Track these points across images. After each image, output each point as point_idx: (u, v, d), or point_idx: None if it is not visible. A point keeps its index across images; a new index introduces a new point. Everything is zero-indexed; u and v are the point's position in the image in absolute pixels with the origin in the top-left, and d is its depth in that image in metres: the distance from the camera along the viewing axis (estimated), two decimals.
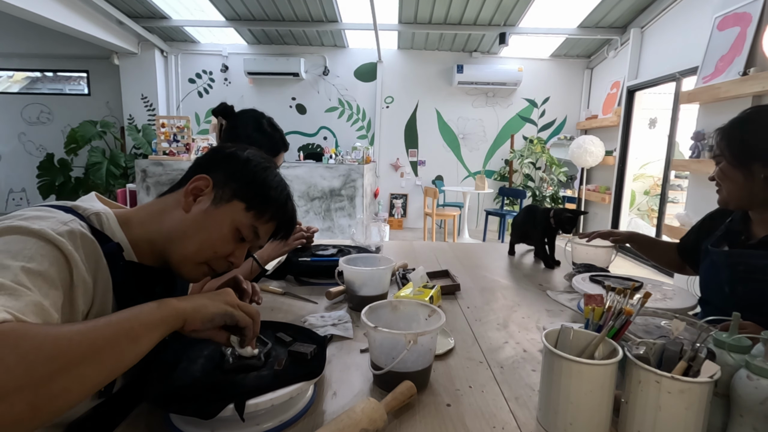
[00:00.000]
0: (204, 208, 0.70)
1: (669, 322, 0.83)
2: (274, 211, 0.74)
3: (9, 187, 6.39)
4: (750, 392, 0.55)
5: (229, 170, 0.73)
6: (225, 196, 0.71)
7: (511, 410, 0.69)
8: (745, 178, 0.97)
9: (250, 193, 0.72)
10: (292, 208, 0.79)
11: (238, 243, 0.73)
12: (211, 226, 0.70)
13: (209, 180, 0.71)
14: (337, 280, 1.16)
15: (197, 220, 0.70)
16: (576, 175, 5.78)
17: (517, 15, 4.85)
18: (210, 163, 0.75)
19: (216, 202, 0.71)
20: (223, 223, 0.70)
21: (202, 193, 0.71)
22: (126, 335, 0.50)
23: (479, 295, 1.26)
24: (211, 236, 0.70)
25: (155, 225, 0.70)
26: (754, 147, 0.96)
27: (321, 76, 6.08)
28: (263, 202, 0.73)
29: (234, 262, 0.73)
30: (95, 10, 4.54)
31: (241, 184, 0.72)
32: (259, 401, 0.59)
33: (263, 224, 0.74)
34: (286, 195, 0.77)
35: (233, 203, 0.71)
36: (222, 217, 0.70)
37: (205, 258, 0.71)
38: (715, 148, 1.03)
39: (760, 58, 2.78)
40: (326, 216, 4.80)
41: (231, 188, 0.71)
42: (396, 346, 0.70)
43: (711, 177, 1.06)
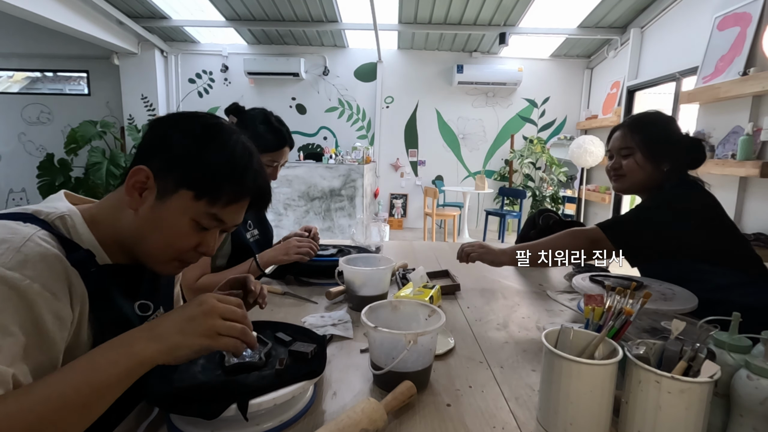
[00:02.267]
0: (151, 204, 0.62)
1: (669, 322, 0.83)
2: (231, 192, 0.64)
3: (9, 187, 6.39)
4: (750, 392, 0.55)
5: (166, 155, 0.62)
6: (169, 186, 0.61)
7: (511, 410, 0.69)
8: (653, 169, 1.18)
9: (195, 177, 0.62)
10: (255, 179, 0.67)
11: (202, 232, 0.65)
12: (163, 224, 0.62)
13: (148, 171, 0.61)
14: (337, 280, 1.16)
15: (148, 219, 0.62)
16: (576, 175, 5.78)
17: (517, 15, 4.85)
18: (149, 145, 0.65)
19: (161, 196, 0.62)
20: (176, 219, 0.62)
21: (146, 186, 0.62)
22: (74, 406, 0.46)
23: (479, 295, 1.26)
24: (167, 235, 0.63)
25: (115, 223, 0.64)
26: (666, 145, 1.17)
27: (321, 76, 6.08)
28: (213, 185, 0.62)
29: (205, 252, 0.67)
30: (95, 10, 4.54)
31: (182, 168, 0.62)
32: (262, 401, 0.59)
33: (222, 208, 0.64)
34: (243, 166, 0.65)
35: (180, 193, 0.62)
36: (172, 212, 0.62)
37: (171, 256, 0.65)
38: (622, 142, 1.21)
39: (760, 58, 2.78)
40: (326, 216, 4.80)
41: (173, 176, 0.62)
42: (396, 346, 0.70)
43: (615, 167, 1.24)
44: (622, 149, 1.21)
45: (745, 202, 2.96)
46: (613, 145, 1.24)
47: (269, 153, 1.34)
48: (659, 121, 1.21)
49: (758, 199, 2.87)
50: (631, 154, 1.19)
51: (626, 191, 1.25)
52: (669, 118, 1.23)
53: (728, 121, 3.07)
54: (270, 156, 1.35)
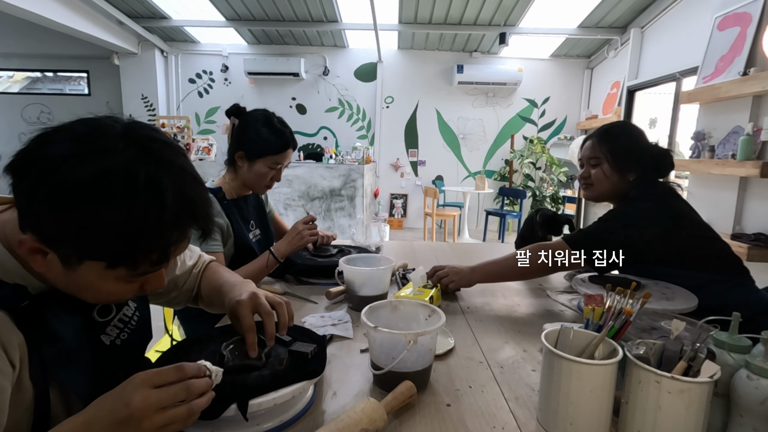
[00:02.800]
0: (61, 270, 0.51)
1: (669, 322, 0.83)
2: (152, 257, 0.52)
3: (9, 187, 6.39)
4: (750, 392, 0.55)
5: (48, 222, 0.47)
6: (72, 259, 0.50)
7: (511, 410, 0.69)
8: (619, 178, 1.22)
9: (96, 252, 0.49)
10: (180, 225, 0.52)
11: (137, 282, 0.55)
12: (85, 287, 0.53)
13: (32, 242, 0.48)
14: (337, 280, 1.16)
15: (64, 282, 0.53)
16: (576, 175, 5.78)
17: (517, 15, 4.85)
18: (22, 206, 0.50)
19: (67, 265, 0.50)
20: (97, 284, 0.52)
21: (45, 251, 0.49)
22: None
23: (479, 295, 1.26)
24: (97, 295, 0.55)
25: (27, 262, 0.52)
26: (632, 156, 1.20)
27: (321, 76, 6.08)
28: (121, 255, 0.50)
29: (155, 289, 0.58)
30: (95, 10, 4.54)
31: (75, 243, 0.48)
32: (262, 401, 0.59)
33: (150, 267, 0.53)
34: (155, 219, 0.49)
35: (87, 265, 0.50)
36: (89, 279, 0.52)
37: (115, 301, 0.59)
38: (591, 152, 1.25)
39: (760, 58, 2.78)
40: (326, 216, 4.80)
41: (70, 248, 0.49)
42: (396, 346, 0.70)
43: (584, 176, 1.27)
44: (591, 159, 1.25)
45: (745, 202, 2.96)
46: (584, 155, 1.28)
47: (272, 155, 1.34)
48: (626, 132, 1.26)
49: (758, 199, 2.87)
50: (599, 164, 1.23)
51: (595, 199, 1.29)
52: (637, 129, 1.27)
53: (728, 121, 3.06)
54: (273, 158, 1.34)
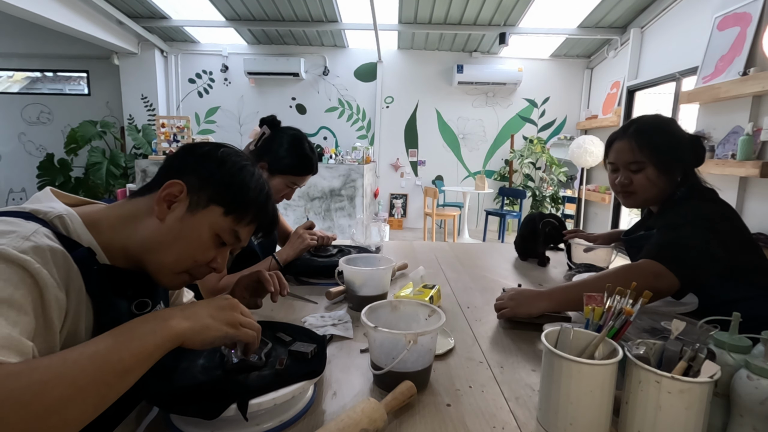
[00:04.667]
0: (179, 216, 0.66)
1: (669, 322, 0.83)
2: (255, 212, 0.71)
3: (9, 187, 6.39)
4: (750, 392, 0.55)
5: (203, 173, 0.68)
6: (201, 201, 0.67)
7: (511, 410, 0.69)
8: (666, 181, 1.08)
9: (227, 196, 0.68)
10: (273, 208, 0.76)
11: (219, 248, 0.70)
12: (188, 234, 0.66)
13: (183, 185, 0.66)
14: (337, 280, 1.16)
15: (173, 229, 0.65)
16: (576, 175, 5.78)
17: (517, 15, 4.85)
18: (182, 164, 0.69)
19: (192, 209, 0.66)
20: (202, 231, 0.67)
21: (176, 200, 0.66)
22: (113, 370, 0.47)
23: (479, 295, 1.26)
24: (189, 245, 0.66)
25: (127, 231, 0.66)
26: (677, 154, 1.07)
27: (321, 76, 6.08)
28: (242, 205, 0.69)
29: (216, 267, 0.71)
30: (95, 10, 4.54)
31: (217, 187, 0.68)
32: (262, 401, 0.59)
33: (243, 227, 0.71)
34: (266, 195, 0.73)
35: (210, 209, 0.67)
36: (200, 224, 0.66)
37: (185, 267, 0.68)
38: (631, 156, 1.09)
39: (760, 58, 2.78)
40: (326, 216, 4.80)
41: (207, 193, 0.67)
42: (396, 346, 0.70)
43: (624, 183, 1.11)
44: (631, 164, 1.09)
45: (745, 202, 2.96)
46: (618, 159, 1.12)
47: (294, 176, 1.34)
48: (664, 127, 1.10)
49: (758, 199, 2.87)
50: (642, 169, 1.08)
51: (638, 206, 1.16)
52: (672, 120, 1.13)
53: (728, 121, 3.07)
54: (293, 179, 1.35)
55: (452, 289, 1.30)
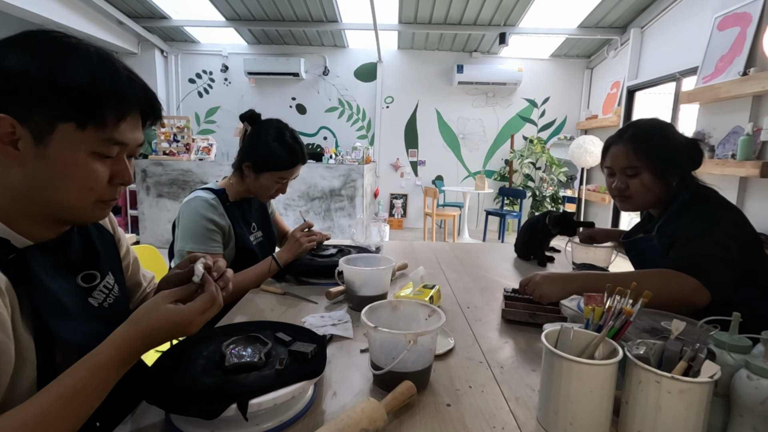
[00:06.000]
0: (34, 153, 0.54)
1: (669, 322, 0.83)
2: (114, 106, 0.56)
3: None
4: (750, 392, 0.55)
5: (21, 91, 0.53)
6: (43, 127, 0.53)
7: (511, 410, 0.69)
8: (662, 186, 1.09)
9: (65, 106, 0.53)
10: (130, 83, 0.59)
11: (108, 162, 0.59)
12: (60, 169, 0.55)
13: (9, 118, 0.52)
14: (337, 280, 1.16)
15: (40, 170, 0.55)
16: (576, 175, 5.78)
17: (517, 15, 4.85)
18: None
19: (40, 140, 0.54)
20: (71, 158, 0.55)
21: (16, 137, 0.53)
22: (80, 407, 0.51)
23: (479, 295, 1.26)
24: (71, 179, 0.56)
25: (9, 195, 0.57)
26: (673, 158, 1.08)
27: (321, 76, 6.09)
28: (90, 107, 0.55)
29: (123, 182, 0.62)
30: (95, 10, 4.54)
31: (46, 102, 0.53)
32: (262, 400, 0.59)
33: (116, 128, 0.57)
34: (110, 74, 0.57)
35: (60, 129, 0.54)
36: (62, 152, 0.55)
37: (89, 200, 0.59)
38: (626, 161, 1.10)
39: (760, 58, 2.78)
40: (326, 216, 4.80)
41: (40, 113, 0.53)
42: (396, 346, 0.70)
43: (620, 187, 1.12)
44: (626, 168, 1.10)
45: (745, 202, 2.96)
46: (615, 163, 1.13)
47: (280, 171, 1.32)
48: (660, 131, 1.11)
49: (758, 199, 2.87)
50: (638, 174, 1.09)
51: (635, 210, 1.17)
52: (668, 124, 1.14)
53: (728, 121, 3.07)
54: (281, 173, 1.33)
55: (452, 289, 1.30)
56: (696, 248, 0.97)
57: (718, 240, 0.97)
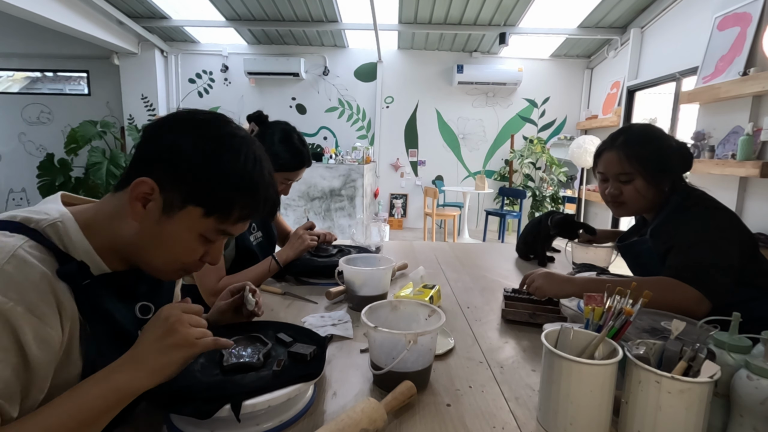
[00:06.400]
0: (156, 218, 0.59)
1: (669, 322, 0.83)
2: (241, 207, 0.62)
3: (9, 187, 6.39)
4: (750, 392, 0.55)
5: (173, 167, 0.58)
6: (176, 201, 0.58)
7: (511, 410, 0.69)
8: (655, 192, 1.10)
9: (203, 195, 0.59)
10: (265, 196, 0.64)
11: (208, 244, 0.64)
12: (169, 239, 0.60)
13: (152, 183, 0.57)
14: (337, 280, 1.16)
15: (152, 232, 0.59)
16: (576, 175, 5.78)
17: (517, 15, 4.85)
18: (149, 155, 0.60)
19: (167, 210, 0.59)
20: (183, 235, 0.60)
21: (150, 198, 0.58)
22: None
23: (479, 295, 1.26)
24: (173, 250, 0.61)
25: (112, 232, 0.60)
26: (665, 164, 1.08)
27: (321, 76, 6.08)
28: (223, 202, 0.60)
29: (210, 262, 0.66)
30: (95, 10, 4.54)
31: (190, 185, 0.58)
32: (257, 402, 0.59)
33: (231, 225, 0.63)
34: (254, 182, 0.62)
35: (188, 210, 0.59)
36: (179, 227, 0.60)
37: (175, 268, 0.64)
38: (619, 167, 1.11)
39: (760, 58, 2.78)
40: (326, 216, 4.80)
41: (180, 191, 0.58)
42: (396, 346, 0.70)
43: (614, 194, 1.13)
44: (620, 175, 1.11)
45: (745, 202, 2.96)
46: (608, 170, 1.14)
47: (286, 172, 1.32)
48: (651, 137, 1.12)
49: (758, 199, 2.87)
50: (631, 180, 1.10)
51: (628, 216, 1.19)
52: (658, 129, 1.15)
53: (728, 121, 3.06)
54: (286, 175, 1.33)
55: (452, 289, 1.30)
56: (695, 256, 0.98)
57: (716, 246, 0.98)
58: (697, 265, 0.96)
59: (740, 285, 1.00)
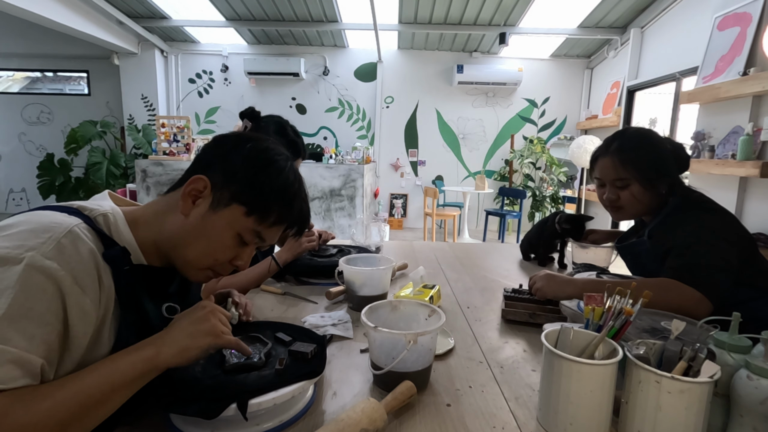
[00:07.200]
0: (202, 213, 0.65)
1: (669, 322, 0.83)
2: (279, 214, 0.69)
3: (9, 187, 6.39)
4: (750, 392, 0.55)
5: (227, 169, 0.67)
6: (223, 199, 0.66)
7: (511, 410, 0.69)
8: (652, 196, 1.10)
9: (249, 196, 0.66)
10: (300, 208, 0.73)
11: (242, 247, 0.69)
12: (210, 232, 0.66)
13: (206, 181, 0.66)
14: (337, 280, 1.16)
15: (196, 226, 0.65)
16: (576, 175, 5.78)
17: (517, 15, 4.85)
18: (209, 158, 0.69)
19: (214, 206, 0.66)
20: (223, 230, 0.66)
21: (201, 195, 0.66)
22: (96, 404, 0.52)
23: (479, 295, 1.26)
24: (210, 244, 0.66)
25: (158, 227, 0.67)
26: (660, 167, 1.09)
27: (321, 76, 6.08)
28: (265, 205, 0.67)
29: (239, 265, 0.70)
30: (95, 10, 4.54)
31: (239, 186, 0.66)
32: (262, 400, 0.60)
33: (267, 228, 0.69)
34: (292, 194, 0.70)
35: (232, 207, 0.66)
36: (221, 222, 0.66)
37: (207, 265, 0.68)
38: (615, 173, 1.11)
39: (760, 58, 2.78)
40: (326, 216, 4.80)
41: (229, 190, 0.66)
42: (396, 346, 0.70)
43: (611, 198, 1.13)
44: (616, 180, 1.12)
45: (745, 202, 2.96)
46: (603, 175, 1.14)
47: None
48: (644, 140, 1.12)
49: (758, 199, 2.87)
50: (627, 186, 1.10)
51: (628, 219, 1.20)
52: (651, 132, 1.14)
53: (728, 121, 3.06)
54: None
55: (452, 289, 1.30)
56: (694, 257, 0.98)
57: (714, 247, 0.98)
58: (697, 267, 0.96)
59: (739, 285, 1.00)
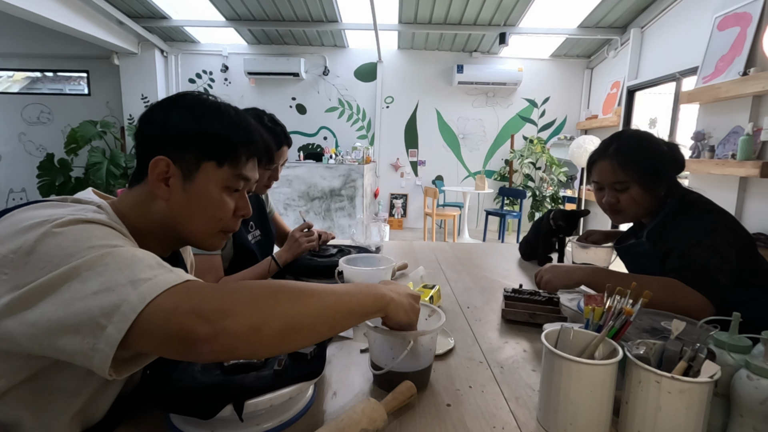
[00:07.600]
0: (181, 188, 0.66)
1: (669, 322, 0.83)
2: (245, 147, 0.70)
3: (9, 187, 6.38)
4: (750, 392, 0.55)
5: (176, 138, 0.66)
6: (191, 164, 0.66)
7: (511, 410, 0.69)
8: (651, 198, 1.10)
9: (210, 148, 0.67)
10: (260, 134, 0.73)
11: (235, 195, 0.71)
12: (200, 201, 0.67)
13: (166, 159, 0.65)
14: (337, 280, 1.16)
15: (183, 203, 0.66)
16: (576, 175, 5.78)
17: (517, 15, 4.85)
18: (153, 139, 0.67)
19: (188, 176, 0.66)
20: (209, 192, 0.67)
21: (169, 174, 0.65)
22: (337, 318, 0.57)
23: (479, 295, 1.26)
24: (207, 210, 0.68)
25: (143, 217, 0.67)
26: (659, 169, 1.09)
27: (321, 76, 6.08)
28: (229, 149, 0.68)
29: (244, 214, 0.73)
30: (95, 10, 4.54)
31: (197, 145, 0.66)
32: (259, 401, 0.59)
33: (244, 166, 0.70)
34: (245, 125, 0.71)
35: (203, 167, 0.66)
36: (203, 186, 0.67)
37: (216, 229, 0.70)
38: (614, 176, 1.11)
39: (760, 58, 2.78)
40: (326, 216, 4.80)
41: (191, 155, 0.66)
42: (396, 346, 0.70)
43: (611, 202, 1.13)
44: (615, 183, 1.11)
45: (745, 202, 2.96)
46: (602, 178, 1.14)
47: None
48: (641, 143, 1.12)
49: (758, 199, 2.87)
50: (626, 189, 1.10)
51: (627, 222, 1.20)
52: (649, 134, 1.15)
53: (728, 121, 3.06)
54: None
55: (452, 289, 1.30)
56: (694, 258, 0.98)
57: (714, 247, 0.98)
58: (699, 270, 0.96)
59: (739, 285, 1.00)
